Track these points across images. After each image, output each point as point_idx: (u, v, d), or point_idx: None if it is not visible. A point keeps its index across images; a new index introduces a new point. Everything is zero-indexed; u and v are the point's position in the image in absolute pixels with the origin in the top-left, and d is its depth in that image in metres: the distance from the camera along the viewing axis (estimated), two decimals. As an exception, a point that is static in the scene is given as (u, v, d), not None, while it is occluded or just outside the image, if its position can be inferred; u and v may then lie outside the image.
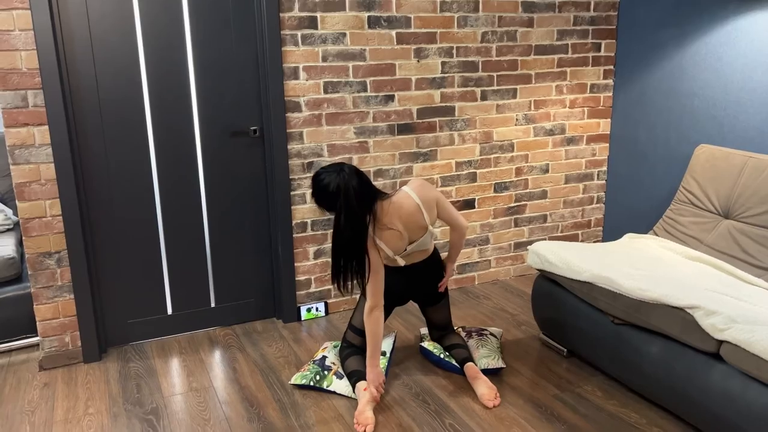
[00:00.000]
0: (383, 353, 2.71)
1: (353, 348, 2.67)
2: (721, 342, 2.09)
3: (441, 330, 2.80)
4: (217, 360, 2.89)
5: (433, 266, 2.65)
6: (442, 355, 2.73)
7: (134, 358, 2.92)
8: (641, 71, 3.62)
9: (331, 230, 2.37)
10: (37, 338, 3.04)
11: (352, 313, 2.73)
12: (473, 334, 2.89)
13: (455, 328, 2.96)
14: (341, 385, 2.56)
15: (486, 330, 2.94)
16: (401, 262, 2.52)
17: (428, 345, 2.81)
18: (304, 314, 3.31)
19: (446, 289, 2.73)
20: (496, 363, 2.69)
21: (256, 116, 3.07)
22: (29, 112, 2.60)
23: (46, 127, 2.63)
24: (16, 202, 2.66)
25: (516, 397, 2.54)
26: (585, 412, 2.42)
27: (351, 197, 2.28)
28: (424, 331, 3.01)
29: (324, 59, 3.06)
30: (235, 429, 2.35)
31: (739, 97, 3.09)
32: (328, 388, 2.57)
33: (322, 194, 2.35)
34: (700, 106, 3.30)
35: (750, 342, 1.96)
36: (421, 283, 2.64)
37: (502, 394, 2.56)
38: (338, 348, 2.78)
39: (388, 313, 2.70)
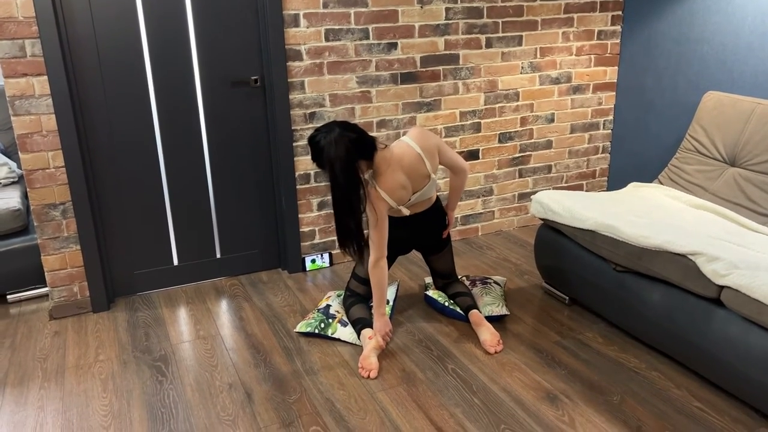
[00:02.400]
0: (387, 302, 2.74)
1: (357, 296, 2.71)
2: (722, 287, 2.10)
3: (445, 278, 2.82)
4: (223, 309, 2.93)
5: (436, 214, 2.65)
6: (446, 303, 2.76)
7: (142, 308, 2.96)
8: (650, 16, 3.53)
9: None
10: (46, 288, 3.09)
11: (356, 262, 2.75)
12: (477, 282, 2.91)
13: (459, 277, 2.98)
14: (345, 333, 2.60)
15: (490, 278, 2.96)
16: (406, 212, 2.53)
17: (433, 293, 2.84)
18: (308, 265, 3.33)
19: (449, 236, 2.74)
20: (500, 310, 2.72)
21: (257, 65, 3.02)
22: (27, 62, 2.57)
23: (45, 77, 2.60)
24: (19, 153, 2.66)
25: (518, 343, 2.58)
26: (586, 358, 2.46)
27: (341, 161, 2.24)
28: (429, 280, 3.03)
29: (325, 6, 2.99)
30: (241, 374, 2.41)
31: (749, 42, 3.02)
32: (333, 336, 2.61)
33: (318, 158, 2.34)
34: (709, 52, 3.22)
35: (751, 287, 1.97)
36: (424, 232, 2.65)
37: (505, 340, 2.60)
38: (342, 297, 2.81)
39: (391, 262, 2.72)
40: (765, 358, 1.95)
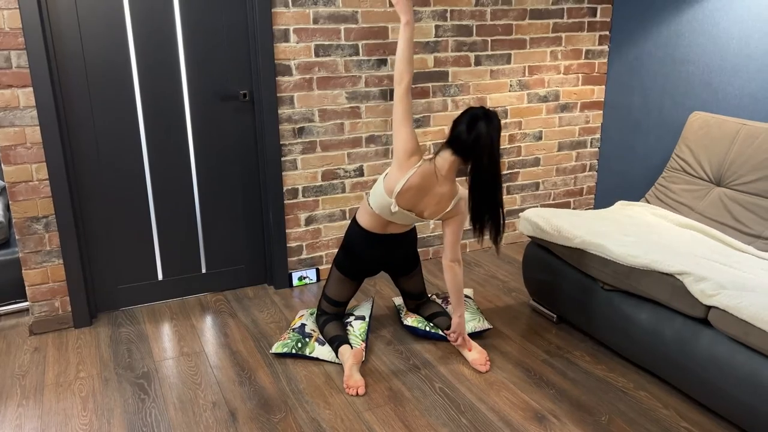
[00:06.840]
0: (362, 318, 2.71)
1: (328, 315, 2.67)
2: (709, 308, 2.10)
3: (416, 299, 2.78)
4: (208, 325, 2.89)
5: (407, 238, 2.59)
6: (427, 328, 2.71)
7: (125, 323, 2.91)
8: (637, 37, 3.57)
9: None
10: (27, 303, 3.03)
11: (326, 282, 2.70)
12: (449, 300, 2.89)
13: (429, 295, 2.94)
14: (324, 351, 2.57)
15: None
16: (394, 209, 2.39)
17: (412, 321, 2.75)
18: (295, 281, 3.30)
19: (418, 257, 2.70)
20: (482, 325, 2.71)
21: (246, 80, 3.01)
22: (13, 74, 2.54)
23: (31, 89, 2.57)
24: (2, 165, 2.62)
25: (505, 362, 2.56)
26: (573, 377, 2.45)
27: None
28: (399, 301, 2.99)
29: (315, 21, 2.99)
30: (226, 393, 2.36)
31: (734, 64, 3.06)
32: (311, 355, 2.57)
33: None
34: (695, 73, 3.26)
35: (739, 307, 1.97)
36: (395, 254, 2.59)
37: (492, 359, 2.58)
38: (315, 315, 2.77)
39: (358, 283, 2.67)
40: (752, 378, 1.95)
